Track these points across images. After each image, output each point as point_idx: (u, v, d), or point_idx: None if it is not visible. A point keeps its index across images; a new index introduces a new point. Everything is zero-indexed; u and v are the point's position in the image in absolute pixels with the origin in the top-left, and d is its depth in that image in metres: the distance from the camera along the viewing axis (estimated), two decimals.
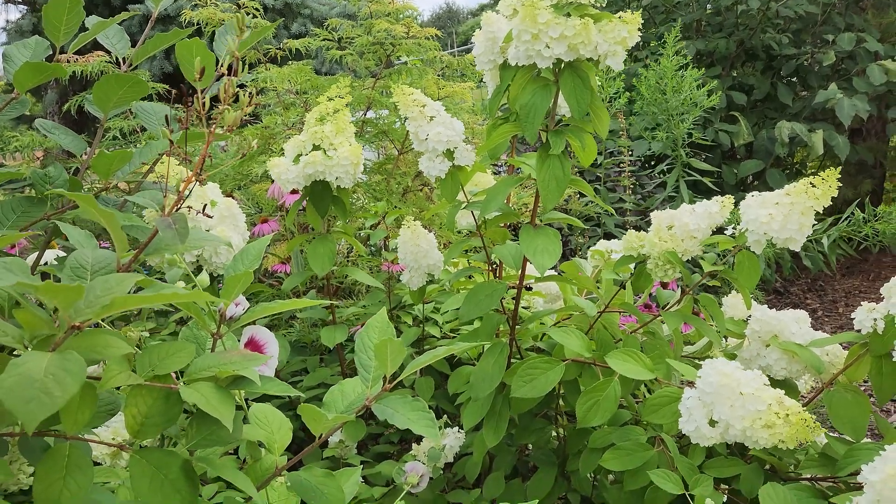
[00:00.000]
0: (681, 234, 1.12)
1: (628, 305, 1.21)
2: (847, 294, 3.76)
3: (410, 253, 1.36)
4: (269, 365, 0.72)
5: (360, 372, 0.73)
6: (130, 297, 0.48)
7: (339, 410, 0.75)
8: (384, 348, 0.66)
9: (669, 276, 1.13)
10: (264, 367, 0.72)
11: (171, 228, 0.55)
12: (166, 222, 0.56)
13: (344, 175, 1.38)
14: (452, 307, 1.37)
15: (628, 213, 2.67)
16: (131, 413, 0.61)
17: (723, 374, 0.89)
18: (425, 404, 0.67)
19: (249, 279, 0.68)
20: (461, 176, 1.21)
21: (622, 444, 1.10)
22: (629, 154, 2.70)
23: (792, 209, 1.01)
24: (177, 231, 0.55)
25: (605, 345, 1.15)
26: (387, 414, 0.67)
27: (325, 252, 1.41)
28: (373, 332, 0.76)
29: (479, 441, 1.23)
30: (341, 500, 0.69)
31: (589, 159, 1.13)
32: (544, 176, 1.07)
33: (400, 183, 2.04)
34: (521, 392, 1.10)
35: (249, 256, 0.74)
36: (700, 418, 0.90)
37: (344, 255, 2.14)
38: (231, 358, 0.65)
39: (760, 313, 1.16)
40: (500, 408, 1.21)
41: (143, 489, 0.59)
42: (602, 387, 1.05)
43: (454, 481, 1.36)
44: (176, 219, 0.56)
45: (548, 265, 1.06)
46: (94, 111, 1.04)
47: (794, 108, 3.69)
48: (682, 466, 1.06)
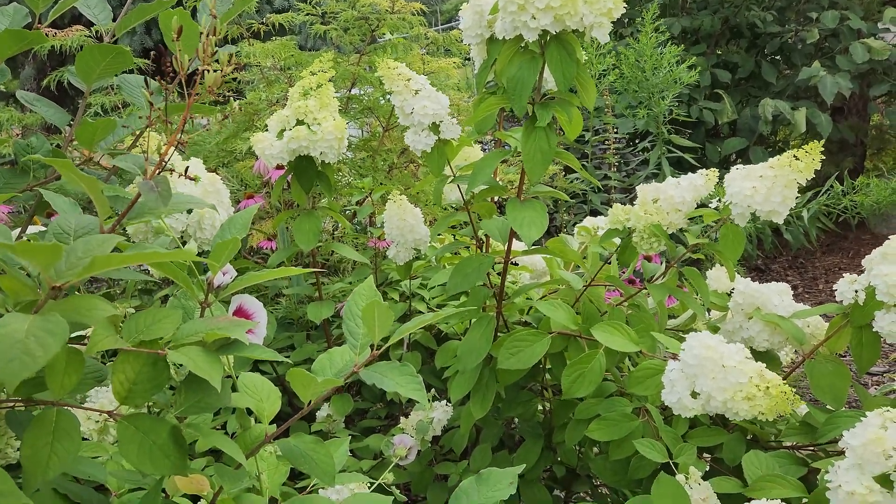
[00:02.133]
0: (666, 207, 1.13)
1: (613, 279, 1.22)
2: (827, 271, 3.81)
3: (396, 227, 1.36)
4: (257, 333, 0.72)
5: (348, 339, 0.73)
6: (112, 256, 0.47)
7: (328, 377, 0.75)
8: (371, 313, 0.66)
9: (654, 249, 1.14)
10: (252, 334, 0.72)
11: (154, 191, 0.55)
12: (148, 185, 0.55)
13: (328, 150, 1.37)
14: (439, 282, 1.38)
15: (613, 190, 2.68)
16: (119, 379, 0.61)
17: (706, 346, 0.90)
18: (413, 369, 0.68)
19: (237, 247, 0.67)
20: (447, 150, 1.21)
21: (607, 415, 1.11)
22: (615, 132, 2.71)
23: (775, 182, 1.02)
24: (159, 193, 0.55)
25: (591, 317, 1.16)
26: (375, 379, 0.67)
27: (310, 228, 1.40)
28: (360, 299, 0.76)
29: (466, 414, 1.24)
30: (331, 465, 0.69)
31: (575, 132, 1.14)
32: (530, 148, 1.07)
33: (385, 160, 2.03)
34: (508, 364, 1.11)
35: (236, 226, 0.74)
36: (682, 390, 0.91)
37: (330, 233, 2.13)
38: (219, 323, 0.65)
39: (744, 286, 1.17)
40: (486, 380, 1.21)
41: (131, 455, 0.59)
42: (587, 359, 1.06)
43: (442, 454, 1.37)
44: (158, 181, 0.56)
45: (535, 237, 1.07)
46: (76, 83, 1.03)
47: (778, 86, 3.71)
48: (667, 436, 1.07)
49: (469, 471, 1.25)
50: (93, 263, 0.48)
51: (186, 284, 0.67)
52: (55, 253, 0.47)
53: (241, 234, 0.74)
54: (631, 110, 2.95)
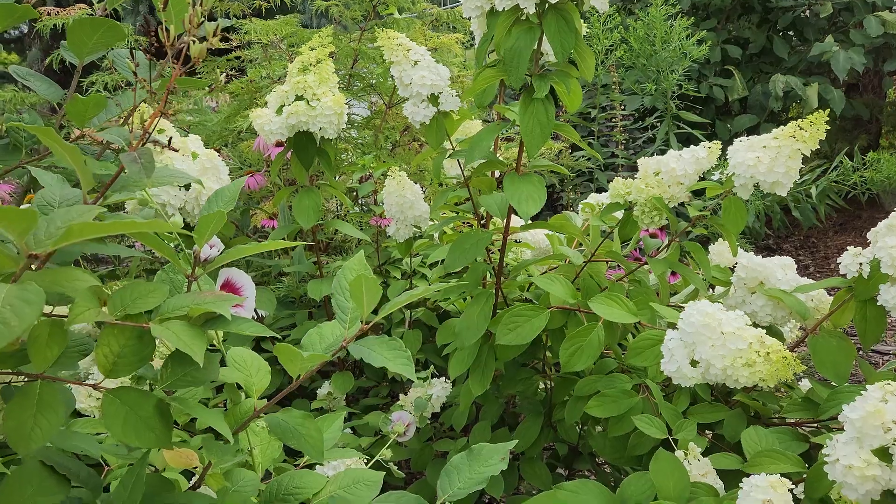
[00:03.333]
0: (667, 179, 1.11)
1: (614, 254, 1.21)
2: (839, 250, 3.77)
3: (396, 204, 1.35)
4: (245, 307, 0.72)
5: (337, 314, 0.72)
6: (87, 224, 0.47)
7: (318, 352, 0.75)
8: (359, 286, 0.65)
9: (656, 223, 1.12)
10: (241, 308, 0.71)
11: (137, 163, 0.54)
12: (131, 157, 0.54)
13: (328, 126, 1.36)
14: (439, 258, 1.36)
15: (620, 168, 2.65)
16: (103, 352, 0.60)
17: (705, 314, 0.89)
18: (402, 343, 0.67)
19: (223, 220, 0.66)
20: (447, 123, 1.19)
21: (607, 391, 1.10)
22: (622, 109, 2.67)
23: (779, 152, 1.00)
24: (142, 165, 0.54)
25: (591, 292, 1.15)
26: (363, 353, 0.67)
27: (310, 205, 1.39)
28: (349, 273, 0.76)
29: (465, 391, 1.23)
30: (319, 440, 0.69)
31: (575, 104, 1.12)
32: (528, 121, 1.05)
33: (388, 137, 2.01)
34: (506, 339, 1.10)
35: (224, 198, 0.73)
36: (681, 359, 0.90)
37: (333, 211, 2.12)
38: (204, 298, 0.64)
39: (746, 260, 1.15)
40: (485, 357, 1.21)
41: (115, 428, 0.58)
42: (586, 332, 1.05)
43: (441, 431, 1.37)
44: (141, 153, 0.55)
45: (531, 212, 1.05)
46: (69, 57, 1.02)
47: (790, 61, 3.64)
48: (667, 412, 1.06)
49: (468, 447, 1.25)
50: (69, 232, 0.47)
51: (171, 257, 0.66)
52: (30, 219, 0.47)
53: (228, 206, 0.73)
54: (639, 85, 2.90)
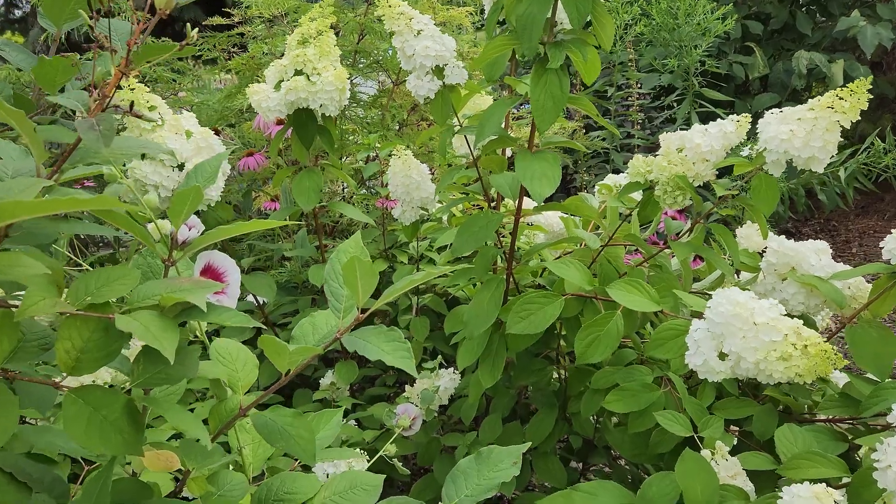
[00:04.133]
0: (692, 156, 1.03)
1: (633, 237, 1.13)
2: (861, 234, 3.66)
3: (401, 185, 1.27)
4: (228, 294, 0.65)
5: (331, 302, 0.65)
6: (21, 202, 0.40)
7: (310, 344, 0.68)
8: (352, 271, 0.58)
9: (679, 203, 1.04)
10: (223, 296, 0.64)
11: (94, 130, 0.47)
12: (88, 123, 0.47)
13: (329, 102, 1.29)
14: (447, 241, 1.29)
15: (637, 148, 2.55)
16: (64, 347, 0.53)
17: (735, 302, 0.81)
18: (401, 335, 0.60)
19: (200, 196, 0.59)
20: (453, 97, 1.12)
21: (627, 384, 1.03)
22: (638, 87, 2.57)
23: (816, 125, 0.92)
24: (101, 133, 0.47)
25: (608, 278, 1.07)
26: (358, 346, 0.60)
27: (310, 186, 1.32)
28: (343, 256, 0.68)
29: (474, 382, 1.16)
30: (310, 442, 0.62)
31: (592, 75, 1.03)
32: (539, 94, 0.97)
33: (395, 117, 1.93)
34: (518, 328, 1.03)
35: (205, 173, 0.66)
36: (709, 351, 0.83)
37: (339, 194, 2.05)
38: (179, 285, 0.58)
39: (777, 244, 1.07)
40: (496, 346, 1.13)
41: (78, 431, 0.52)
42: (603, 321, 0.97)
43: (450, 424, 1.30)
44: (100, 119, 0.48)
45: (545, 192, 0.97)
46: (46, 26, 0.95)
47: (814, 37, 3.51)
48: (691, 407, 0.99)
49: (478, 442, 1.18)
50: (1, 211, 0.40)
51: (144, 238, 0.59)
52: None
53: (209, 182, 0.66)
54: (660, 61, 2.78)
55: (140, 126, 1.20)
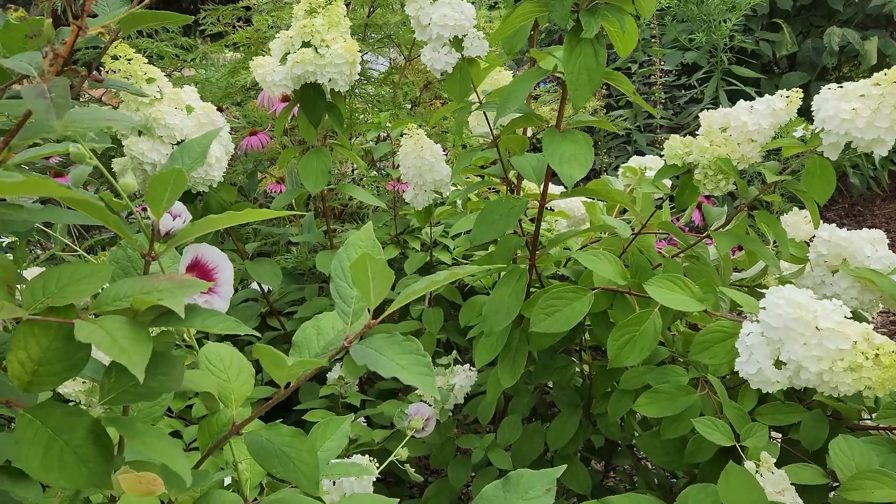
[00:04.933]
0: (737, 136, 0.93)
1: (668, 225, 1.03)
2: (888, 220, 3.53)
3: (413, 167, 1.18)
4: (220, 294, 0.56)
5: (338, 304, 0.56)
6: None
7: (314, 353, 0.59)
8: (362, 268, 0.49)
9: (721, 189, 0.94)
10: (214, 296, 0.55)
11: (44, 98, 0.38)
12: (36, 90, 0.38)
13: (338, 76, 1.19)
14: (463, 229, 1.20)
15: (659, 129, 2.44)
16: (18, 358, 0.45)
17: (795, 304, 0.72)
18: (419, 345, 0.51)
19: (183, 180, 0.50)
20: (472, 71, 1.02)
21: (660, 386, 0.94)
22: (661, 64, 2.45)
23: (882, 102, 0.81)
24: (52, 102, 0.38)
25: (642, 271, 0.98)
26: (369, 358, 0.51)
27: (318, 167, 1.23)
28: (353, 250, 0.60)
29: (492, 380, 1.08)
30: (313, 466, 0.54)
31: (628, 47, 0.93)
32: (573, 66, 0.87)
33: (407, 94, 1.83)
34: (542, 326, 0.94)
35: (192, 153, 0.57)
36: (763, 359, 0.73)
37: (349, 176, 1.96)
38: (156, 284, 0.49)
39: (829, 234, 0.97)
40: (517, 343, 1.05)
41: (33, 462, 0.43)
42: (639, 320, 0.88)
43: (465, 423, 1.22)
44: (53, 86, 0.39)
45: (577, 176, 0.88)
46: None
47: (845, 13, 3.35)
48: (732, 413, 0.90)
49: (496, 445, 1.10)
50: None
51: (118, 228, 0.50)
52: None
53: (197, 163, 0.57)
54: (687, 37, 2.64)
55: (137, 100, 1.12)
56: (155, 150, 1.11)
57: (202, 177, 1.13)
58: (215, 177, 1.14)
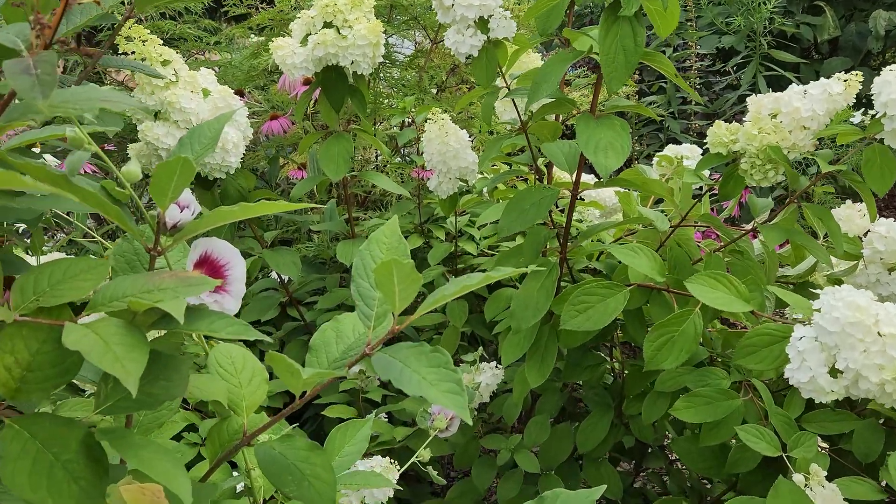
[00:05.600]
0: (788, 123, 0.86)
1: (710, 218, 0.97)
2: None
3: (437, 153, 1.13)
4: (231, 293, 0.51)
5: (359, 306, 0.51)
6: None
7: (333, 358, 0.54)
8: (387, 273, 0.44)
9: (769, 179, 0.88)
10: (225, 295, 0.51)
11: (29, 75, 0.33)
12: (20, 65, 0.34)
13: (361, 59, 1.14)
14: (490, 219, 1.15)
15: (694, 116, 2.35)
16: (4, 363, 0.41)
17: (854, 306, 0.66)
18: (449, 358, 0.46)
19: (190, 170, 0.46)
20: (499, 54, 0.96)
21: (699, 389, 0.88)
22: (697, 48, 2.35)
23: None
24: (37, 79, 0.33)
25: (682, 266, 0.92)
26: (392, 371, 0.46)
27: (339, 153, 1.19)
28: (378, 248, 0.55)
29: (519, 379, 1.03)
30: (330, 485, 0.49)
31: (669, 27, 0.87)
32: (610, 46, 0.81)
33: (433, 79, 1.78)
34: (573, 324, 0.88)
35: (203, 139, 0.52)
36: (817, 366, 0.67)
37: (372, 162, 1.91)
38: (158, 282, 0.44)
39: (886, 228, 0.91)
40: (545, 341, 0.99)
41: (19, 477, 0.39)
42: (678, 319, 0.83)
43: (490, 423, 1.17)
44: (39, 61, 0.34)
45: (612, 166, 0.82)
46: None
47: None
48: (778, 420, 0.84)
49: (523, 446, 1.05)
50: None
51: (119, 220, 0.46)
52: None
53: (208, 148, 0.52)
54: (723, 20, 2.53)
55: (152, 83, 1.08)
56: (170, 136, 1.07)
57: (218, 163, 1.09)
58: (232, 163, 1.10)
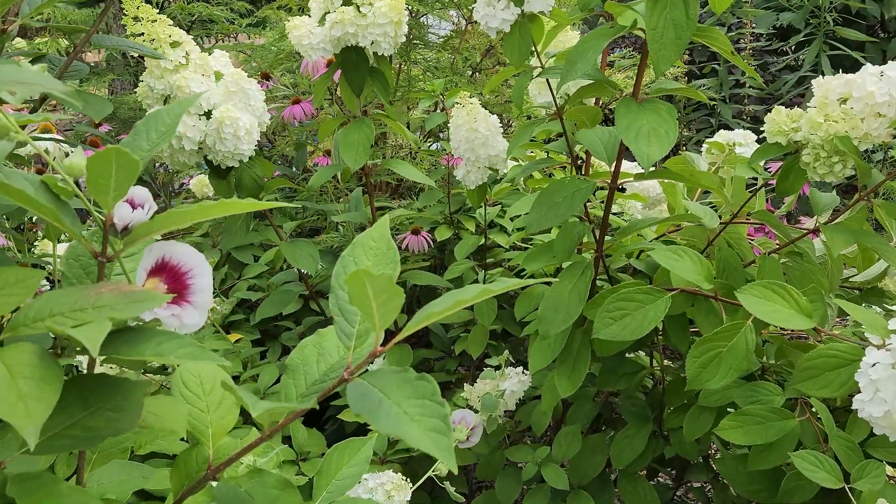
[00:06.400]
0: (860, 109, 0.75)
1: (767, 216, 0.86)
2: None
3: (465, 140, 1.04)
4: (195, 305, 0.44)
5: (338, 322, 0.44)
6: None
7: (312, 380, 0.47)
8: (360, 286, 0.36)
9: (836, 174, 0.77)
10: (186, 308, 0.44)
11: None
12: None
13: (382, 39, 1.06)
14: (520, 211, 1.06)
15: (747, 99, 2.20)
16: None
17: None
18: (436, 389, 0.38)
19: (131, 164, 0.38)
20: (533, 30, 0.87)
21: (749, 407, 0.79)
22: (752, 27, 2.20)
23: None
24: None
25: (732, 271, 0.82)
26: (368, 403, 0.38)
27: (359, 139, 1.11)
28: (364, 253, 0.47)
29: (548, 387, 0.94)
30: None
31: (725, 1, 0.76)
32: (658, 20, 0.71)
33: (468, 60, 1.68)
34: (608, 332, 0.79)
35: (161, 125, 0.45)
36: (893, 399, 0.57)
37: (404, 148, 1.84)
38: (96, 298, 0.37)
39: None
40: (578, 347, 0.91)
41: None
42: (727, 333, 0.73)
43: (517, 431, 1.09)
44: None
45: (655, 155, 0.72)
46: None
47: None
48: (840, 445, 0.74)
49: (551, 459, 0.97)
50: None
51: (57, 220, 0.39)
52: None
53: (164, 139, 0.45)
54: None
55: (160, 66, 1.02)
56: (180, 122, 1.01)
57: (230, 150, 1.02)
58: (245, 150, 1.03)
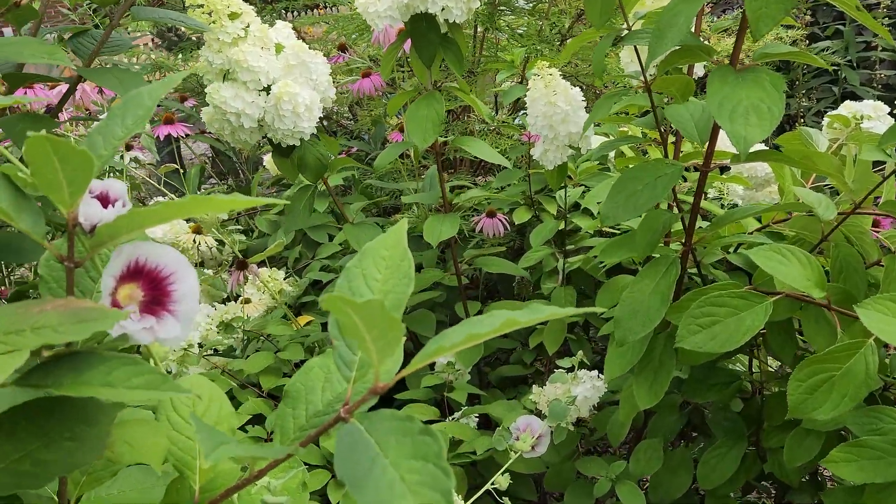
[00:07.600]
0: None
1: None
2: None
3: (543, 115, 0.94)
4: (176, 315, 0.37)
5: (337, 347, 0.36)
6: None
7: (314, 411, 0.40)
8: (344, 315, 0.28)
9: None
10: (167, 318, 0.37)
11: None
12: None
13: (453, 4, 0.97)
14: (602, 197, 0.95)
15: (879, 63, 1.94)
16: None
17: None
18: (441, 448, 0.30)
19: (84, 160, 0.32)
20: None
21: (867, 438, 0.66)
22: None
23: None
24: None
25: (851, 273, 0.68)
26: (357, 455, 0.30)
27: (428, 115, 1.02)
28: (374, 265, 0.39)
29: (626, 396, 0.84)
30: None
31: None
32: None
33: (556, 25, 1.56)
34: (694, 342, 0.68)
35: (139, 108, 0.39)
36: None
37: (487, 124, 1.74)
38: (39, 317, 0.32)
39: None
40: (659, 353, 0.80)
41: None
42: (842, 354, 0.60)
43: (591, 441, 0.99)
44: None
45: (754, 137, 0.60)
46: None
47: None
48: None
49: (628, 475, 0.86)
50: None
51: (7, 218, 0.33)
52: None
53: (138, 125, 0.38)
54: None
55: (218, 39, 0.97)
56: (238, 98, 0.97)
57: (290, 128, 0.97)
58: (305, 128, 0.97)
